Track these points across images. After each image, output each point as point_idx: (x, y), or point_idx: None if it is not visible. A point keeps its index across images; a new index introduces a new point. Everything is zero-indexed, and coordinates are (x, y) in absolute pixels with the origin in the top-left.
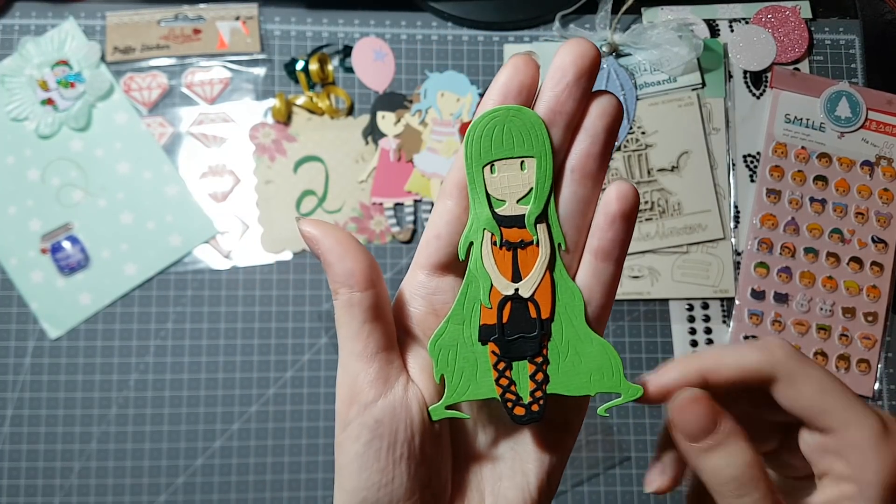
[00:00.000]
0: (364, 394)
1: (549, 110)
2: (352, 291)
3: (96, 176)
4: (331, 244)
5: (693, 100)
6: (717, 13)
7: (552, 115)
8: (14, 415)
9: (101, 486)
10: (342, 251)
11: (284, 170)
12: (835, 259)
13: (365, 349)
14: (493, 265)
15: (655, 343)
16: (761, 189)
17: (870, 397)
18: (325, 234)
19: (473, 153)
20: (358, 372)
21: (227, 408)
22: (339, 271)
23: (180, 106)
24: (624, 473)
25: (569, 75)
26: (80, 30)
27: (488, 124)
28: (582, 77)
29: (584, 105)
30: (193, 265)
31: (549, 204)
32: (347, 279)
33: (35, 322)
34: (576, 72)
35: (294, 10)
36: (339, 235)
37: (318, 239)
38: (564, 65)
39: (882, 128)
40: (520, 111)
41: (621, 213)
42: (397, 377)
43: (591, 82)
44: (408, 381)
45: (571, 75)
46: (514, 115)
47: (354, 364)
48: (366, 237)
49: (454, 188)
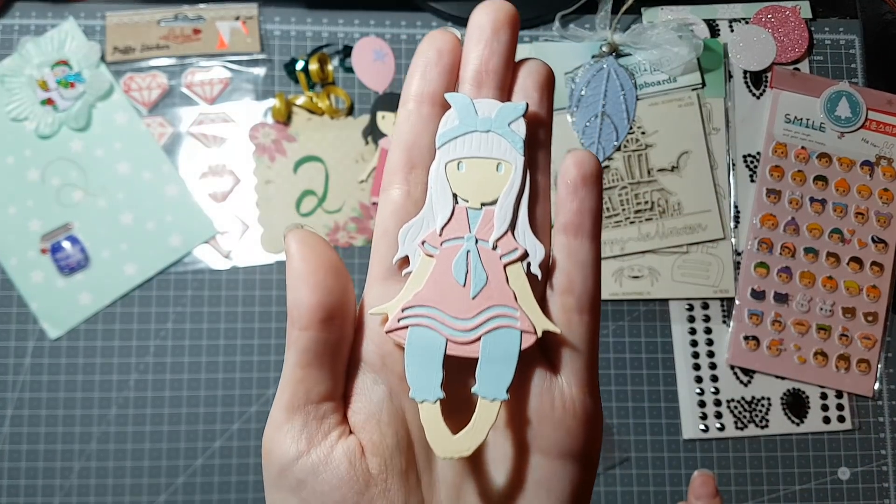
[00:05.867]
0: (284, 450)
1: (475, 71)
2: (291, 327)
3: (96, 176)
4: (296, 265)
5: (693, 100)
6: (717, 13)
7: (480, 75)
8: (14, 415)
9: (101, 486)
10: (302, 277)
11: (284, 170)
12: (835, 259)
13: (292, 399)
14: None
15: (655, 343)
16: (761, 189)
17: (870, 397)
18: (296, 253)
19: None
20: (280, 424)
21: (227, 408)
22: (290, 300)
23: (180, 106)
24: (624, 473)
25: (487, 31)
26: (80, 30)
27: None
28: (499, 30)
29: (512, 68)
30: (193, 265)
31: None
32: (292, 310)
33: (35, 322)
34: (492, 27)
35: (294, 10)
36: (308, 256)
37: (288, 255)
38: (480, 23)
39: (882, 128)
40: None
41: (582, 179)
42: (329, 431)
43: (511, 37)
44: (341, 436)
45: (489, 31)
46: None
47: (278, 414)
48: (366, 237)
49: (396, 174)
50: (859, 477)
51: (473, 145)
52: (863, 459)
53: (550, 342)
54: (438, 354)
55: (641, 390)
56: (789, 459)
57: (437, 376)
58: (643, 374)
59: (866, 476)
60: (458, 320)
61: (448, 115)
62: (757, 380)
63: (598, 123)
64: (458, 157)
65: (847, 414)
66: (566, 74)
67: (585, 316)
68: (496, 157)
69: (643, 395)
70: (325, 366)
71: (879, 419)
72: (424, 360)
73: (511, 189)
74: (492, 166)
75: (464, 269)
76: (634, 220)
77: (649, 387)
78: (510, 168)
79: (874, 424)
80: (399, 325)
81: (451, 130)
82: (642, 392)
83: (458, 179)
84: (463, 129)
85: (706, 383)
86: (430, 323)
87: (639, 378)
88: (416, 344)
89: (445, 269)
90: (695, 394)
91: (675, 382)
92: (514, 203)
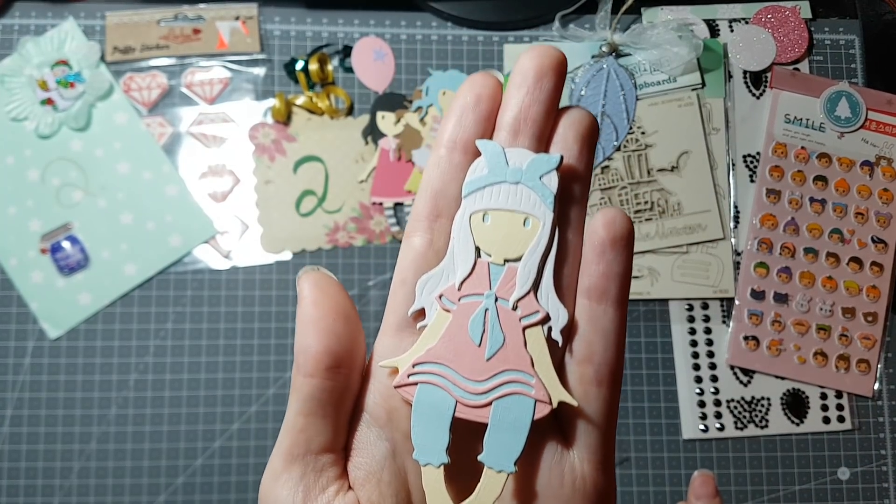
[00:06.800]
0: (280, 502)
1: (514, 118)
2: (296, 373)
3: (96, 176)
4: (307, 309)
5: (693, 100)
6: (717, 13)
7: (517, 123)
8: (14, 415)
9: (100, 486)
10: (312, 322)
11: (284, 170)
12: (835, 259)
13: (292, 447)
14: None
15: (655, 343)
16: (761, 189)
17: (870, 397)
18: (308, 296)
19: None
20: (278, 474)
21: (227, 408)
22: (297, 344)
23: (180, 106)
24: (624, 473)
25: (529, 78)
26: (80, 30)
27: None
28: (543, 78)
29: (553, 117)
30: (193, 265)
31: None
32: (298, 356)
33: (35, 322)
34: (536, 73)
35: (294, 10)
36: (320, 301)
37: (300, 298)
38: (524, 68)
39: (882, 128)
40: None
41: (611, 241)
42: (327, 485)
43: (556, 85)
44: (339, 490)
45: (532, 77)
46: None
47: (277, 463)
48: (366, 237)
49: (420, 221)
50: (859, 477)
51: (501, 197)
52: (863, 459)
53: (565, 413)
54: (447, 416)
55: (641, 390)
56: (789, 459)
57: (443, 439)
58: (643, 374)
59: (866, 476)
60: (471, 382)
61: (477, 162)
62: (757, 380)
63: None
64: (483, 209)
65: (847, 414)
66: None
67: (604, 388)
68: (524, 210)
69: (643, 395)
70: (328, 415)
71: (879, 419)
72: (432, 420)
73: (537, 246)
74: (519, 220)
75: (480, 328)
76: (634, 220)
77: (649, 387)
78: (538, 224)
79: (874, 424)
80: (408, 381)
81: (479, 179)
82: (642, 392)
83: (482, 232)
84: (491, 178)
85: (706, 383)
86: (440, 382)
87: (639, 378)
88: (424, 402)
89: (461, 327)
90: (694, 394)
91: (675, 382)
92: (539, 262)
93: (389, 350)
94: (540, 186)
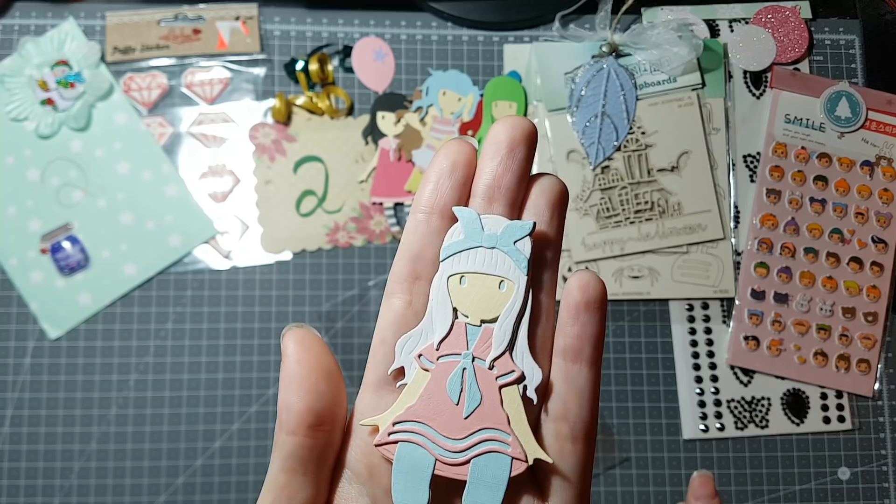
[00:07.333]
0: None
1: (488, 186)
2: (279, 431)
3: (96, 176)
4: (290, 367)
5: (693, 100)
6: (717, 13)
7: (491, 190)
8: (14, 415)
9: (100, 487)
10: (295, 380)
11: (284, 170)
12: (835, 259)
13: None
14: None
15: (655, 343)
16: (761, 189)
17: (870, 397)
18: (292, 354)
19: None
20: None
21: (227, 408)
22: (280, 402)
23: (180, 106)
24: (624, 474)
25: (503, 148)
26: (80, 30)
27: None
28: (515, 148)
29: (525, 183)
30: (193, 265)
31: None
32: (281, 413)
33: (35, 322)
34: (509, 144)
35: (294, 10)
36: (304, 359)
37: (284, 355)
38: (498, 139)
39: (882, 128)
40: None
41: (585, 304)
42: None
43: (528, 154)
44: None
45: (505, 147)
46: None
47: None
48: (366, 237)
49: (399, 283)
50: (859, 477)
51: (477, 261)
52: (863, 459)
53: (541, 469)
54: (426, 473)
55: (641, 390)
56: (789, 459)
57: (423, 495)
58: (643, 374)
59: (866, 476)
60: (449, 440)
61: (454, 228)
62: (757, 380)
63: (598, 123)
64: (461, 272)
65: (847, 414)
66: (566, 74)
67: (579, 445)
68: (499, 274)
69: (643, 395)
70: (309, 472)
71: (879, 419)
72: (412, 477)
73: (512, 308)
74: (494, 283)
75: (458, 387)
76: (634, 220)
77: (649, 387)
78: (513, 286)
79: (874, 424)
80: (389, 440)
81: (456, 244)
82: (642, 392)
83: (459, 294)
84: (468, 243)
85: (706, 383)
86: (420, 440)
87: (639, 378)
88: (404, 460)
89: (440, 386)
90: (695, 394)
91: (675, 382)
92: (514, 323)
93: (370, 407)
94: (514, 251)
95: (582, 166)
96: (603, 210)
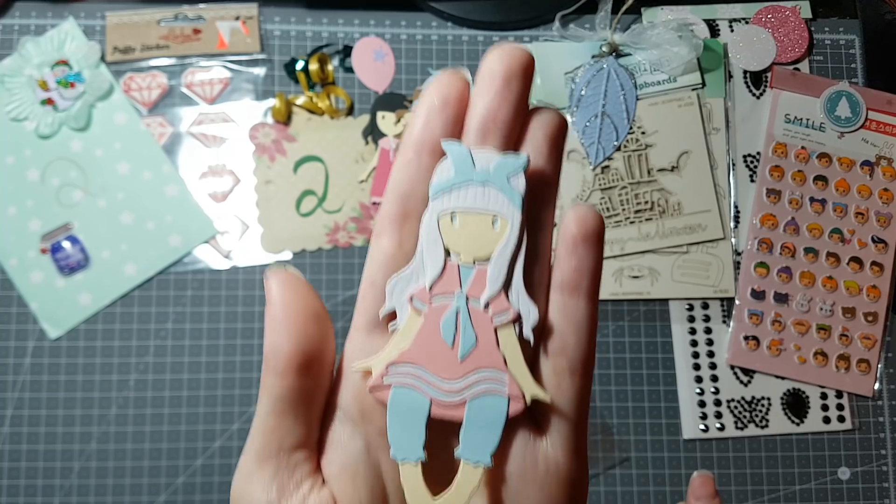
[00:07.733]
0: (254, 501)
1: (482, 121)
2: (266, 373)
3: (96, 176)
4: (276, 309)
5: (693, 100)
6: (717, 13)
7: (486, 126)
8: (14, 415)
9: (100, 486)
10: (282, 322)
11: (284, 170)
12: (835, 259)
13: (263, 447)
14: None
15: (655, 343)
16: (761, 189)
17: (870, 397)
18: (277, 296)
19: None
20: (251, 473)
21: (227, 408)
22: (267, 344)
23: (180, 106)
24: (624, 473)
25: (498, 79)
26: (80, 30)
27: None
28: (512, 79)
29: (523, 117)
30: (193, 265)
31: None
32: (269, 356)
33: (35, 322)
34: (504, 75)
35: (294, 10)
36: (290, 301)
37: (268, 298)
38: (492, 70)
39: (882, 128)
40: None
41: (582, 237)
42: (301, 481)
43: (524, 86)
44: (313, 487)
45: (500, 79)
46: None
47: (248, 462)
48: (366, 237)
49: (388, 223)
50: (859, 477)
51: (469, 198)
52: (863, 459)
53: (538, 405)
54: (422, 415)
55: (641, 390)
56: (789, 459)
57: (419, 437)
58: (643, 374)
59: (866, 476)
60: (445, 381)
61: (444, 163)
62: (757, 380)
63: (598, 123)
64: (451, 210)
65: (847, 414)
66: (566, 74)
67: (577, 378)
68: (492, 211)
69: (643, 395)
70: (299, 414)
71: (879, 419)
72: (407, 420)
73: (506, 246)
74: (487, 221)
75: (452, 328)
76: (634, 220)
77: (649, 387)
78: (507, 224)
79: (874, 424)
80: (383, 384)
81: (446, 181)
82: (642, 392)
83: (450, 233)
84: (458, 179)
85: (706, 383)
86: (415, 383)
87: (639, 378)
88: (399, 403)
89: (433, 328)
90: (695, 394)
91: (675, 382)
92: (508, 261)
93: (360, 350)
94: (507, 187)
95: (582, 166)
96: (603, 210)
